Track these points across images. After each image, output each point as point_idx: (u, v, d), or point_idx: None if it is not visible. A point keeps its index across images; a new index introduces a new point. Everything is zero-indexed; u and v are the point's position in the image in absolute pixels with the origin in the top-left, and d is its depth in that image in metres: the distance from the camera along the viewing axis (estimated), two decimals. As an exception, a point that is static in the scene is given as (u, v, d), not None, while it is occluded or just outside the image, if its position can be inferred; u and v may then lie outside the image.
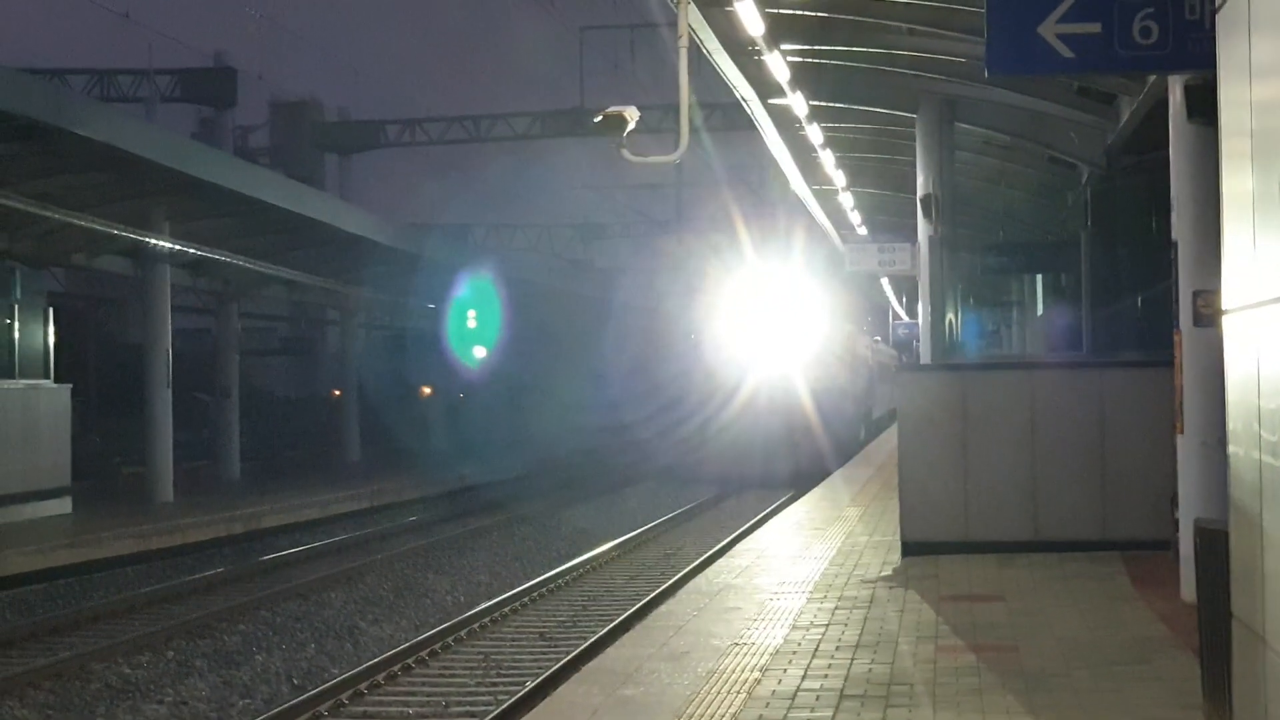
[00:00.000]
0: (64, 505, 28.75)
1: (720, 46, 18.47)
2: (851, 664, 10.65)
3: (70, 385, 30.73)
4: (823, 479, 30.94)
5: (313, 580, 22.26)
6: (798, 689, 9.87)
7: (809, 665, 10.64)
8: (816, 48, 20.94)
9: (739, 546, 19.05)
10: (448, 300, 47.23)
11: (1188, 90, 12.60)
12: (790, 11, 19.21)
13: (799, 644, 11.49)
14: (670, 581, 20.55)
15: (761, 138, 25.59)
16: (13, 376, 28.32)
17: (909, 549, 16.65)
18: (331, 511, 32.09)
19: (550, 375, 52.00)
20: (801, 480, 34.91)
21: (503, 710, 13.13)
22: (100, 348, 43.68)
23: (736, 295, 40.46)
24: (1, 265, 28.71)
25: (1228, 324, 6.42)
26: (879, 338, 66.01)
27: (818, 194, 32.83)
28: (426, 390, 57.98)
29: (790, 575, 15.54)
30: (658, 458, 41.00)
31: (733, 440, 38.81)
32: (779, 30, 18.72)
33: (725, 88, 21.77)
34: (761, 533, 20.59)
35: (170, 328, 32.06)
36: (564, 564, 23.31)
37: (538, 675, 14.71)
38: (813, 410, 38.52)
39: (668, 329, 42.18)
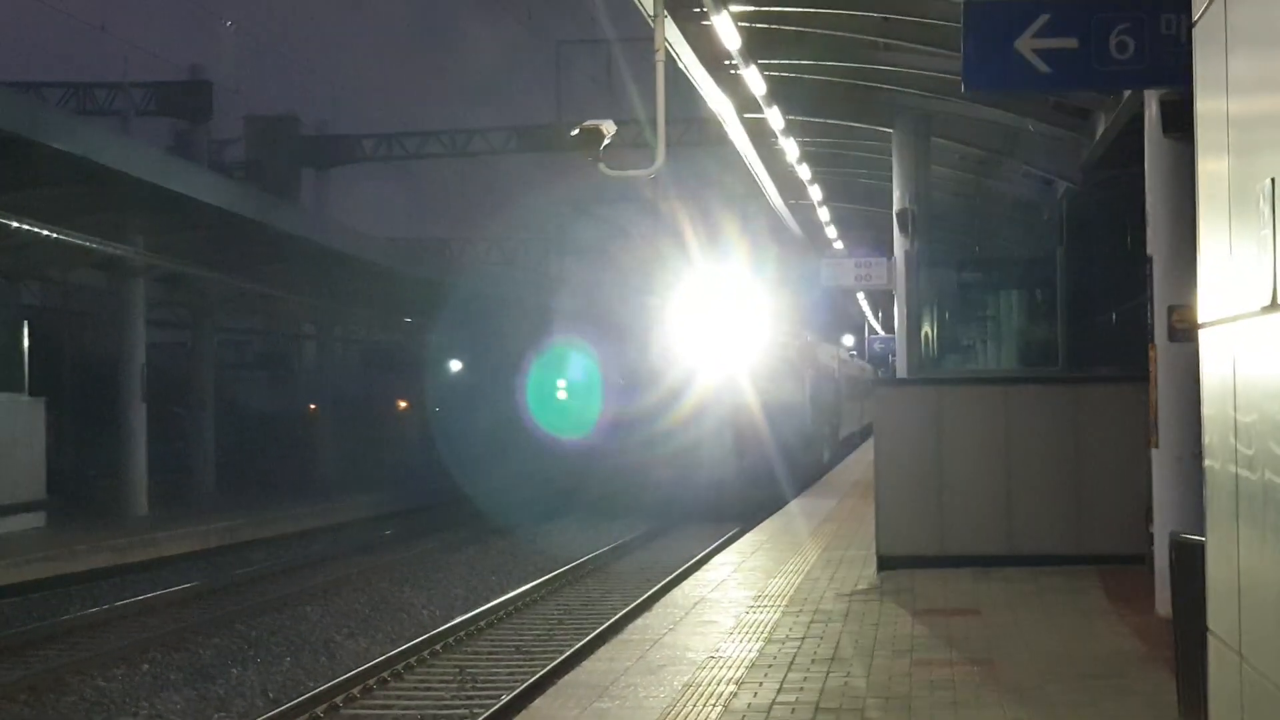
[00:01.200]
0: (38, 519, 28.62)
1: (697, 60, 18.49)
2: (827, 677, 10.63)
3: (45, 399, 30.60)
4: (778, 509, 27.28)
5: (289, 594, 22.20)
6: (773, 702, 9.85)
7: (784, 679, 10.63)
8: (793, 62, 20.98)
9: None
10: (418, 314, 47.08)
11: (1163, 105, 12.64)
12: (767, 26, 19.24)
13: (774, 657, 11.48)
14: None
15: (737, 152, 25.61)
16: (-13, 390, 28.21)
17: (885, 563, 16.65)
18: (306, 525, 32.05)
19: (489, 390, 51.17)
20: (752, 510, 30.06)
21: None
22: (76, 361, 43.55)
23: (675, 299, 35.75)
24: None
25: (1204, 337, 6.42)
26: (853, 351, 65.95)
27: (794, 209, 32.88)
28: (402, 404, 57.93)
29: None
30: (589, 486, 35.11)
31: (669, 465, 33.59)
32: (755, 45, 18.73)
33: (704, 101, 21.79)
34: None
35: (144, 341, 31.98)
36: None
37: (513, 689, 14.67)
38: (764, 428, 33.65)
39: (597, 337, 36.60)
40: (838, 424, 45.96)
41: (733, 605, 14.52)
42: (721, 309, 35.12)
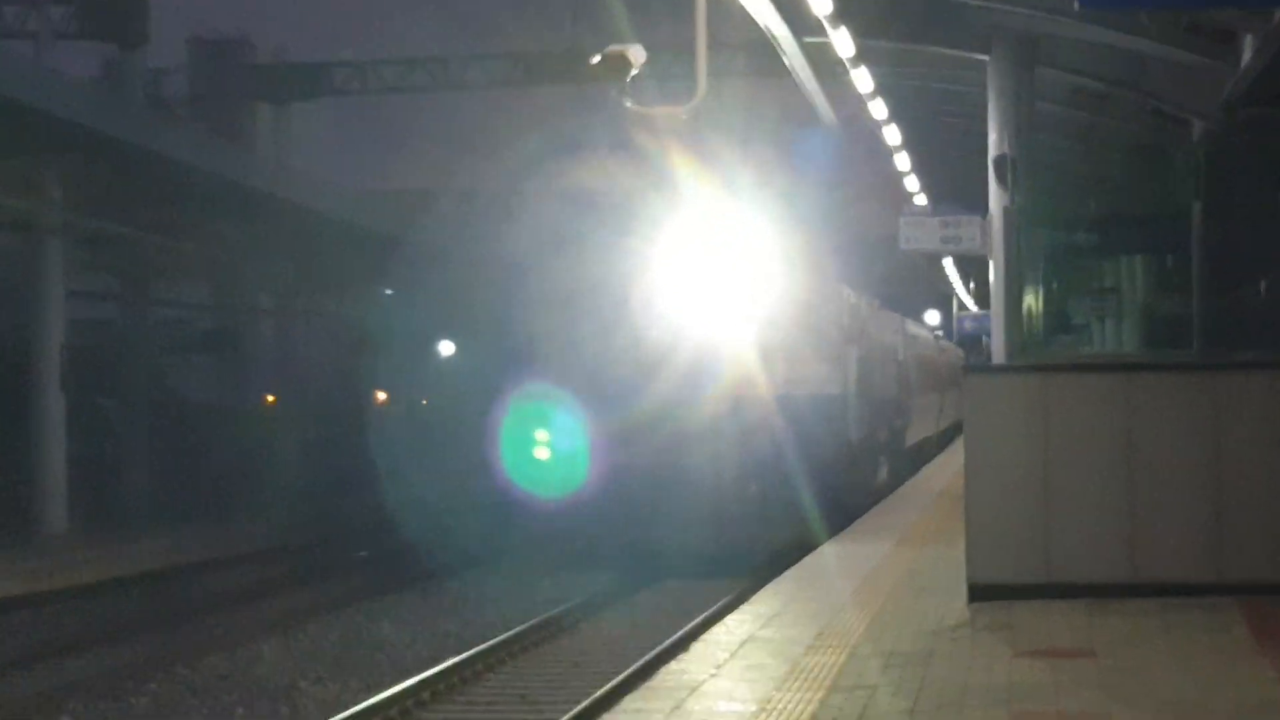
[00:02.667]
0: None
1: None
2: (906, 734, 10.64)
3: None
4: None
5: (241, 629, 22.28)
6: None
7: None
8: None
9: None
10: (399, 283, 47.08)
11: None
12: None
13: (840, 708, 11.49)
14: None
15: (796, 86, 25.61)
16: None
17: (977, 593, 16.63)
18: (260, 545, 32.12)
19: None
20: (764, 558, 26.19)
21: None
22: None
23: (657, 250, 29.15)
24: None
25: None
26: (939, 330, 65.63)
27: (866, 157, 32.89)
28: (381, 396, 57.99)
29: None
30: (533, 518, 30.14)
31: (644, 483, 27.81)
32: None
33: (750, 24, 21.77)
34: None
35: (63, 318, 32.05)
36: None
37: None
38: (784, 434, 27.97)
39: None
40: (903, 426, 41.13)
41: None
42: (730, 265, 28.80)
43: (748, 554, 27.12)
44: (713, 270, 28.77)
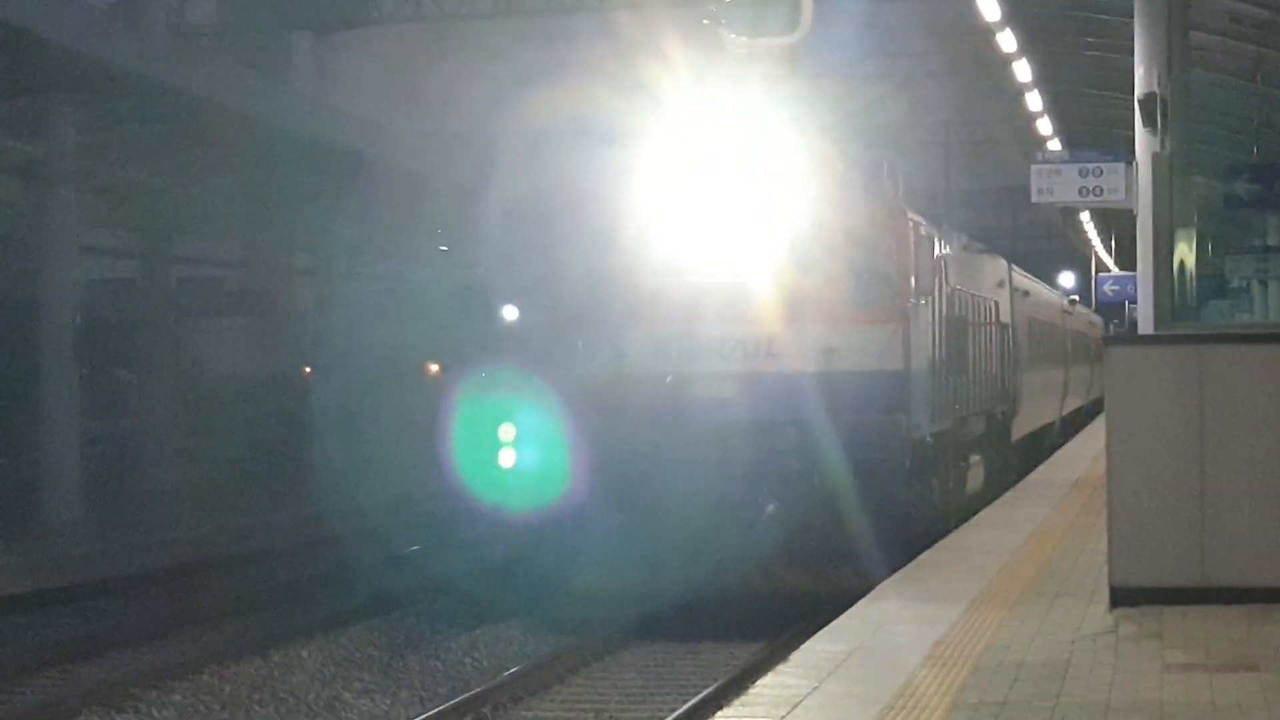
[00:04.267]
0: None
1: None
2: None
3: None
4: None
5: (277, 632, 22.32)
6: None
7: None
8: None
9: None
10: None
11: None
12: None
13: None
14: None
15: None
16: None
17: (1120, 597, 16.56)
18: (296, 538, 32.17)
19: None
20: (789, 607, 22.58)
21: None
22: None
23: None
24: None
25: None
26: (1074, 295, 65.08)
27: (988, 91, 32.75)
28: (434, 368, 57.95)
29: None
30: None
31: (616, 498, 22.56)
32: None
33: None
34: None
35: (76, 278, 32.15)
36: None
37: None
38: (819, 433, 22.52)
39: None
40: (1008, 415, 35.11)
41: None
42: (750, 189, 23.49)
43: (769, 590, 22.81)
44: (722, 182, 23.31)
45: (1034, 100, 32.28)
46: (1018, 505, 29.17)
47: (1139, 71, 24.52)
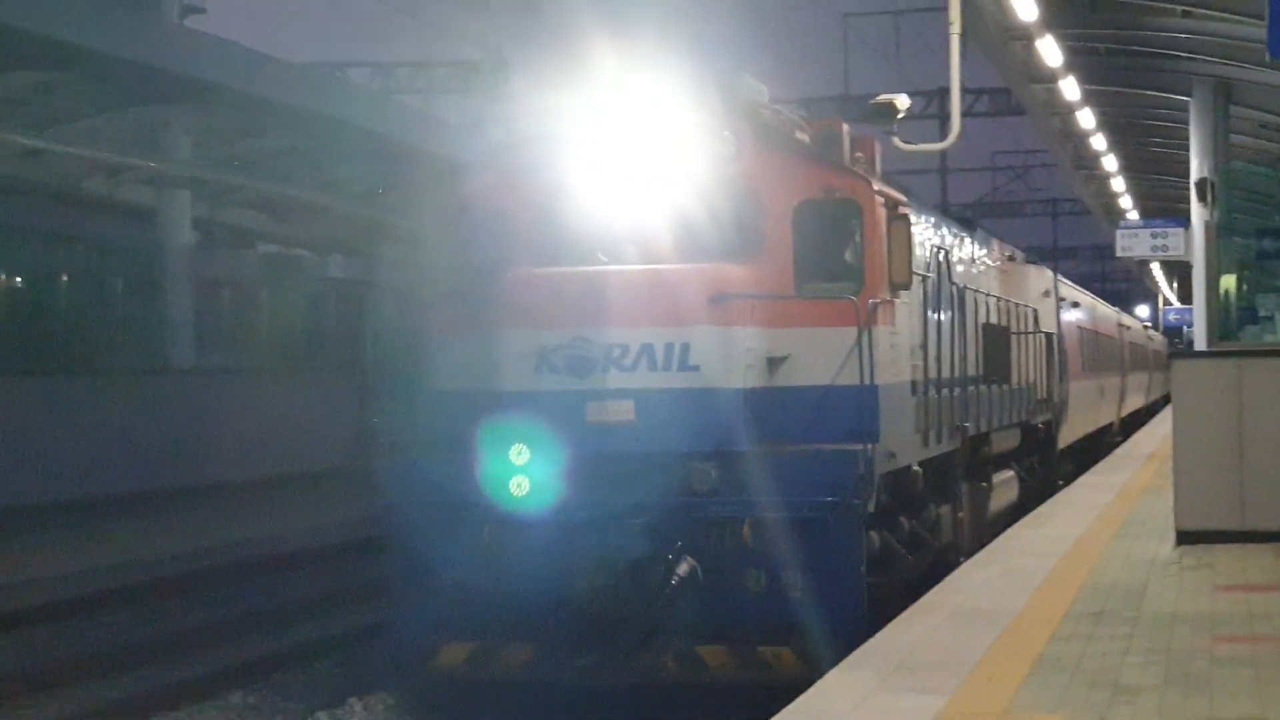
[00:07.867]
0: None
1: (992, 32, 18.35)
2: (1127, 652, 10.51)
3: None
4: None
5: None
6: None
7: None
8: (1089, 31, 20.66)
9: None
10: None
11: None
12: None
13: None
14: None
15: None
16: None
17: (1183, 537, 16.35)
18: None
19: None
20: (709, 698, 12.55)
21: None
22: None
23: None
24: None
25: None
26: (1148, 323, 63.83)
27: (1085, 177, 32.36)
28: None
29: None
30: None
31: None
32: (1051, 15, 18.50)
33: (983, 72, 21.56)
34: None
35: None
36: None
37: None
38: (755, 465, 12.35)
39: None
40: (1052, 425, 25.28)
41: None
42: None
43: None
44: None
45: (1118, 183, 31.87)
46: (1108, 472, 28.76)
47: (1194, 163, 24.15)
